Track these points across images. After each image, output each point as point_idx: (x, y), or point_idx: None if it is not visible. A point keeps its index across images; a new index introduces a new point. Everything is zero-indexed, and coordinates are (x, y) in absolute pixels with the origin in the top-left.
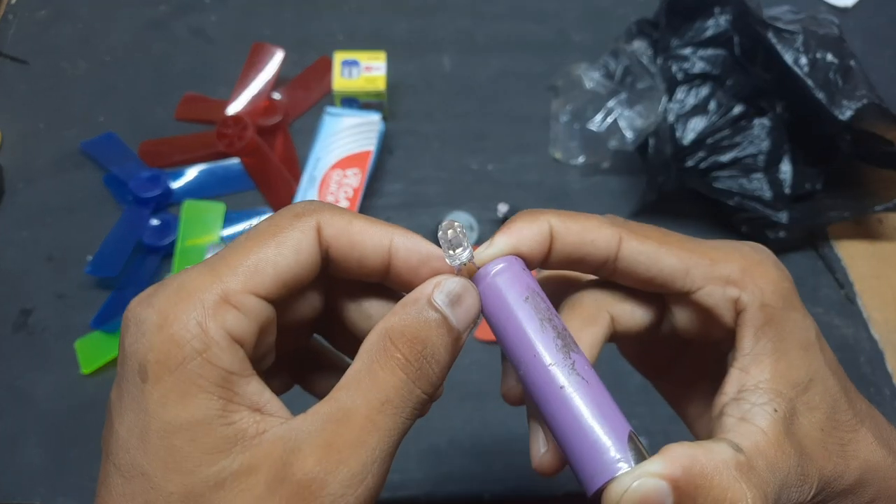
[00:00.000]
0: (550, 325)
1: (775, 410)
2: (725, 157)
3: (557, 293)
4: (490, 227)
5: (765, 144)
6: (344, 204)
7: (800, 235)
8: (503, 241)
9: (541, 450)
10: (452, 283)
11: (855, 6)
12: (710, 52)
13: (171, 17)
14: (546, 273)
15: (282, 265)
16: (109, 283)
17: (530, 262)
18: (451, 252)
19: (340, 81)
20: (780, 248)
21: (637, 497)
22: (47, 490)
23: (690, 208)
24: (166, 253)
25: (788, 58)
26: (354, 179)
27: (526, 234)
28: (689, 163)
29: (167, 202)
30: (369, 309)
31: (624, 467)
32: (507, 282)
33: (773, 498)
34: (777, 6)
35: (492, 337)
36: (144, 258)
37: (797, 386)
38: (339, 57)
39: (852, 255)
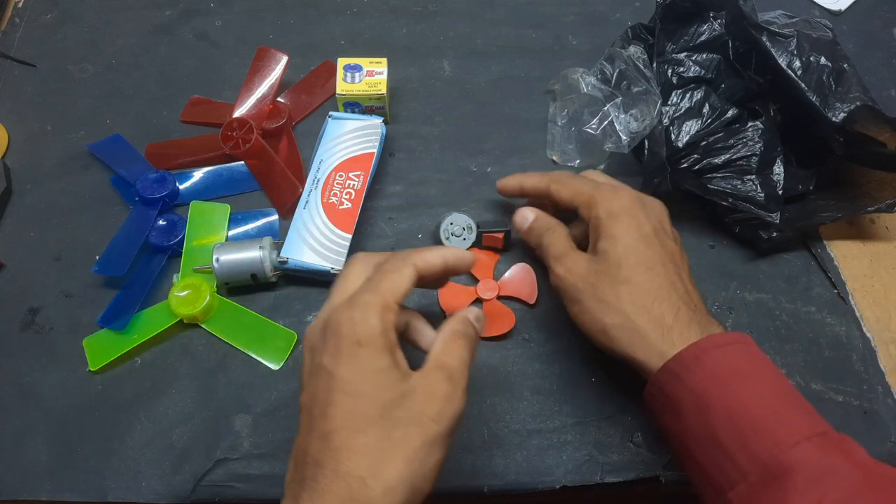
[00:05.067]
0: None
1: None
2: (719, 160)
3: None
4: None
5: (758, 147)
6: (346, 206)
7: (793, 235)
8: (501, 182)
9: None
10: (477, 311)
11: (848, 9)
12: (704, 56)
13: (177, 22)
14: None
15: (405, 286)
16: (116, 283)
17: (513, 193)
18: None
19: (343, 86)
20: (774, 248)
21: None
22: (54, 486)
23: (685, 209)
24: (172, 252)
25: (782, 61)
26: (357, 181)
27: (510, 182)
28: (684, 165)
29: (173, 203)
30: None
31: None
32: None
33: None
34: (771, 10)
35: (491, 333)
36: (151, 258)
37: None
38: (341, 62)
39: (845, 254)
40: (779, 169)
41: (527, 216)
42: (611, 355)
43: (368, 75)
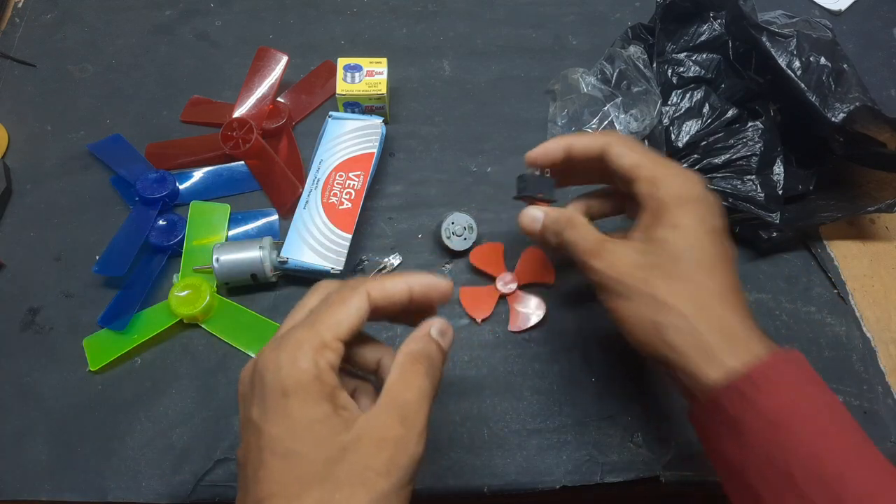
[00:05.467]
0: None
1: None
2: (719, 160)
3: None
4: (489, 226)
5: (758, 147)
6: (346, 206)
7: (793, 235)
8: (538, 151)
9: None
10: (440, 323)
11: (848, 10)
12: (704, 56)
13: (177, 22)
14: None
15: (351, 320)
16: (116, 283)
17: (555, 162)
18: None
19: (343, 86)
20: (774, 248)
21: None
22: (54, 486)
23: None
24: (172, 252)
25: (782, 61)
26: (357, 181)
27: (552, 148)
28: (684, 165)
29: (173, 203)
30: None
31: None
32: None
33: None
34: (771, 10)
35: (539, 280)
36: (151, 258)
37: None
38: (341, 62)
39: (845, 254)
40: (779, 169)
41: (535, 216)
42: (651, 356)
43: (368, 75)
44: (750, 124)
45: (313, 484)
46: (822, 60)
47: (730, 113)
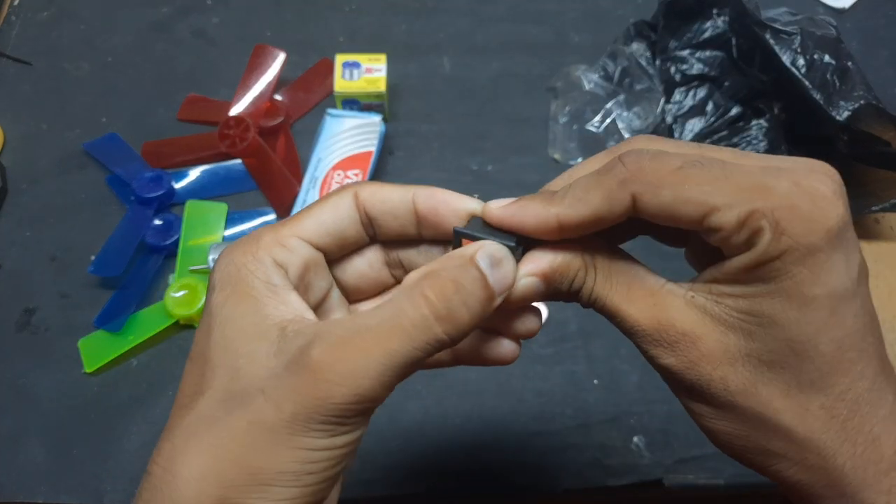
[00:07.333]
0: None
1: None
2: None
3: None
4: None
5: (762, 145)
6: None
7: None
8: (507, 214)
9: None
10: (494, 248)
11: (852, 7)
12: (707, 53)
13: (174, 19)
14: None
15: (322, 218)
16: (112, 283)
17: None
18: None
19: (341, 83)
20: None
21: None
22: (50, 488)
23: None
24: (169, 253)
25: (786, 59)
26: (355, 180)
27: (532, 218)
28: None
29: (170, 202)
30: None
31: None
32: None
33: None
34: (774, 8)
35: None
36: (147, 258)
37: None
38: (340, 59)
39: None
40: None
41: (536, 267)
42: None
43: (367, 72)
44: (754, 122)
45: (204, 389)
46: (827, 58)
47: (734, 111)
